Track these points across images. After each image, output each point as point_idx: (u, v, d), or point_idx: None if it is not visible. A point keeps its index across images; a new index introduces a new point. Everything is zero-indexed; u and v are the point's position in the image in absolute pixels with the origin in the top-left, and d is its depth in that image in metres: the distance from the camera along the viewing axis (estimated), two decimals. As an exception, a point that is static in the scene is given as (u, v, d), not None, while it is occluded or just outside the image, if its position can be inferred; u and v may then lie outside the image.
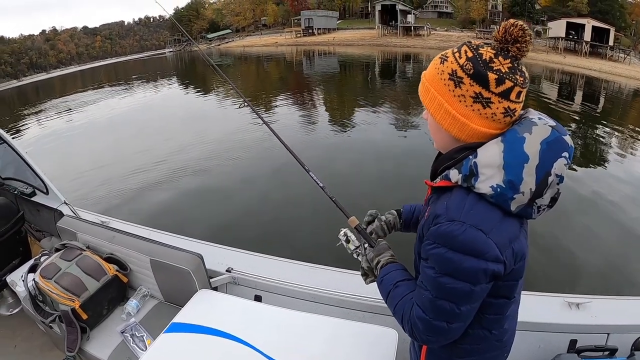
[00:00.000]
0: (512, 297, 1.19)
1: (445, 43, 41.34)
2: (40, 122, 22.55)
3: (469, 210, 1.05)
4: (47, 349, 3.15)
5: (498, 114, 1.06)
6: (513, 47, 1.04)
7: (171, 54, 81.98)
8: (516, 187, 1.02)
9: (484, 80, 1.04)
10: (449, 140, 1.16)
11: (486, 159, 1.04)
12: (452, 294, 1.08)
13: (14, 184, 4.29)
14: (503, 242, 1.04)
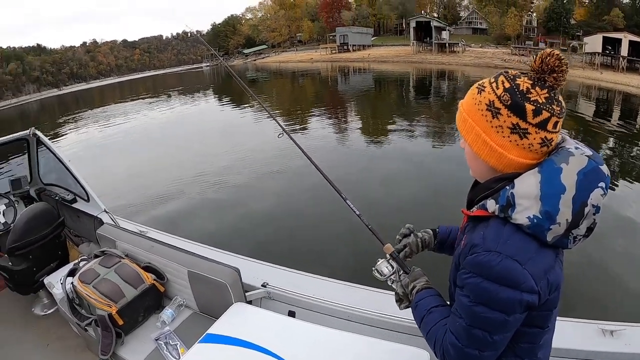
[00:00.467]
0: (545, 326, 1.18)
1: (480, 60, 41.02)
2: (79, 130, 23.54)
3: (505, 240, 1.06)
4: (80, 351, 3.23)
5: (535, 144, 1.07)
6: (550, 77, 1.05)
7: (208, 68, 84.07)
8: (553, 218, 1.02)
9: (521, 111, 1.05)
10: (486, 170, 1.17)
11: (523, 190, 1.05)
12: (486, 323, 1.09)
13: (56, 190, 4.49)
14: (538, 273, 1.05)
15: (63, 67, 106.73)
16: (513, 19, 55.96)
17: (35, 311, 3.81)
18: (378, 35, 71.78)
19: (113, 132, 20.61)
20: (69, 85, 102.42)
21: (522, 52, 42.38)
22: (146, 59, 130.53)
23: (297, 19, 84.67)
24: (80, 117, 30.55)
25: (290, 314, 2.69)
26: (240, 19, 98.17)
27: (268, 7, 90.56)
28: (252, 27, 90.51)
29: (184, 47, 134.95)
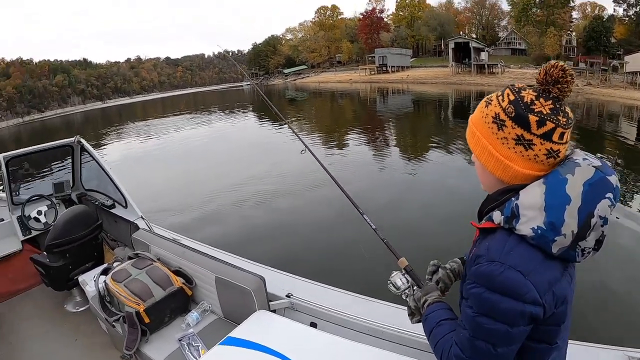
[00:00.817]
0: (554, 342, 1.16)
1: (520, 80, 40.41)
2: (121, 142, 24.59)
3: (509, 251, 1.06)
4: (107, 347, 3.37)
5: (540, 155, 1.08)
6: (554, 88, 1.06)
7: (248, 86, 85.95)
8: (557, 229, 1.02)
9: (525, 122, 1.06)
10: (494, 182, 1.19)
11: (527, 201, 1.06)
12: (489, 335, 1.08)
13: (96, 195, 4.75)
14: (543, 284, 1.04)
15: (107, 82, 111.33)
16: (552, 39, 55.08)
17: (67, 308, 4.03)
18: (417, 57, 71.91)
19: (153, 145, 21.54)
20: (112, 99, 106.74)
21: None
22: (188, 77, 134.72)
23: (336, 40, 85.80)
24: (122, 130, 31.94)
25: (312, 325, 2.73)
26: (281, 39, 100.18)
27: (308, 28, 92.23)
28: (292, 47, 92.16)
29: (225, 65, 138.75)
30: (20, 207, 4.38)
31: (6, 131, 57.92)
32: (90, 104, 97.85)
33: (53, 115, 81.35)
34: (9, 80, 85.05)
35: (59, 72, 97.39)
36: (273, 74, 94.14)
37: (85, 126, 45.07)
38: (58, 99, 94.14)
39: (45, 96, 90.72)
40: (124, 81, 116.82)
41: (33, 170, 5.09)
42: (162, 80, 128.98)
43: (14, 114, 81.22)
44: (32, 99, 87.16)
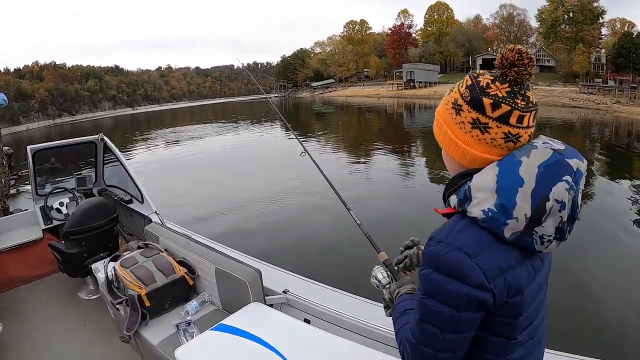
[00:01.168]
0: (513, 337, 1.10)
1: (547, 98, 39.49)
2: (148, 146, 25.41)
3: (457, 232, 1.05)
4: (112, 334, 3.61)
5: (498, 139, 1.07)
6: (511, 72, 1.05)
7: (276, 98, 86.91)
8: (509, 212, 0.99)
9: (479, 105, 1.06)
10: (457, 168, 1.19)
11: (479, 183, 1.05)
12: (435, 318, 1.06)
13: (116, 191, 5.06)
14: (491, 269, 1.00)
15: (138, 89, 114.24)
16: (581, 56, 54.03)
17: (80, 295, 4.33)
18: (444, 73, 71.55)
19: (180, 151, 22.20)
20: (142, 105, 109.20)
21: (591, 91, 40.58)
22: (217, 87, 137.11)
23: (364, 55, 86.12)
24: (150, 135, 32.82)
25: (305, 321, 2.83)
26: (309, 52, 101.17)
27: (336, 42, 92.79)
28: (321, 60, 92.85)
29: (254, 77, 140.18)
30: (43, 198, 4.69)
31: (37, 132, 60.04)
32: (120, 110, 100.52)
33: (83, 119, 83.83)
34: (42, 83, 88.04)
35: (91, 77, 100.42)
36: (301, 86, 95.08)
37: (114, 130, 46.31)
38: (89, 103, 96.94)
39: (76, 100, 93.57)
40: (154, 89, 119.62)
41: (59, 165, 5.43)
42: (191, 89, 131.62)
43: (46, 115, 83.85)
44: (63, 102, 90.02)
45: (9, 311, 4.07)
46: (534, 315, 1.14)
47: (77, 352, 3.48)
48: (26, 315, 4.03)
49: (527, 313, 1.10)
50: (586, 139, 21.34)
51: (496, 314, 1.06)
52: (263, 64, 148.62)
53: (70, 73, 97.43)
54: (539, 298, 1.14)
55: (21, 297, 4.33)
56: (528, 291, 1.07)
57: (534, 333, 1.16)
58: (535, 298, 1.12)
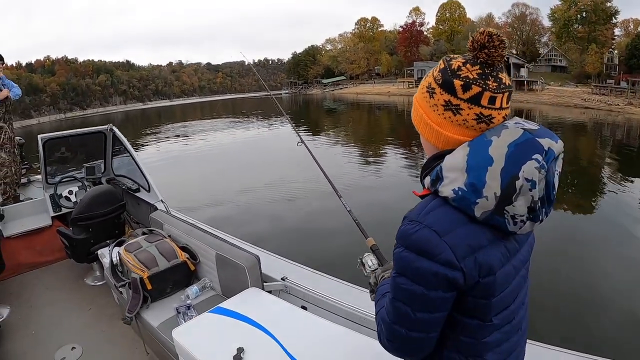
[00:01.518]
0: (487, 319, 1.12)
1: (559, 99, 39.22)
2: (158, 141, 25.76)
3: (428, 211, 1.06)
4: (116, 318, 3.75)
5: (470, 120, 1.08)
6: (481, 54, 1.06)
7: (287, 95, 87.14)
8: (478, 191, 1.00)
9: (450, 87, 1.08)
10: (432, 150, 1.20)
11: (450, 163, 1.06)
12: (406, 296, 1.08)
13: (124, 180, 5.18)
14: (461, 247, 1.02)
15: (149, 84, 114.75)
16: (594, 57, 53.30)
17: (86, 281, 4.48)
18: (455, 71, 71.28)
19: (189, 146, 22.58)
20: (153, 100, 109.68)
21: (603, 92, 39.94)
22: (228, 83, 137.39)
23: (375, 52, 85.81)
24: (160, 130, 33.15)
25: (302, 308, 2.87)
26: (320, 49, 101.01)
27: (348, 39, 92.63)
28: (332, 57, 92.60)
29: (265, 73, 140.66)
30: (53, 187, 4.84)
31: (48, 125, 60.64)
32: (131, 105, 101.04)
33: (94, 113, 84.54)
34: (54, 77, 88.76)
35: (103, 72, 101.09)
36: (311, 83, 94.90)
37: (125, 124, 46.87)
38: (100, 97, 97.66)
39: (87, 94, 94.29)
40: (165, 84, 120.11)
41: (69, 155, 5.60)
42: (202, 85, 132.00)
43: (57, 109, 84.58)
44: (75, 96, 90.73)
45: (17, 295, 4.22)
46: (509, 299, 1.14)
47: (80, 335, 3.60)
48: (33, 299, 4.17)
49: (502, 295, 1.11)
50: (597, 140, 21.19)
51: (468, 294, 1.07)
52: (274, 61, 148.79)
53: (82, 68, 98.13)
54: (515, 282, 1.15)
55: (29, 282, 4.47)
56: (501, 272, 1.08)
57: (511, 318, 1.17)
58: (509, 280, 1.12)
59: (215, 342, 2.24)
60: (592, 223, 8.79)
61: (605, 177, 13.09)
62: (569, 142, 18.99)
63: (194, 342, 2.24)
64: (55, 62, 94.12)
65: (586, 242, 7.49)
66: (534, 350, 2.12)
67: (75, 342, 3.49)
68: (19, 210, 4.81)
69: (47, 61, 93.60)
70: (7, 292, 4.25)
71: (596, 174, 13.43)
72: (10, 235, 4.48)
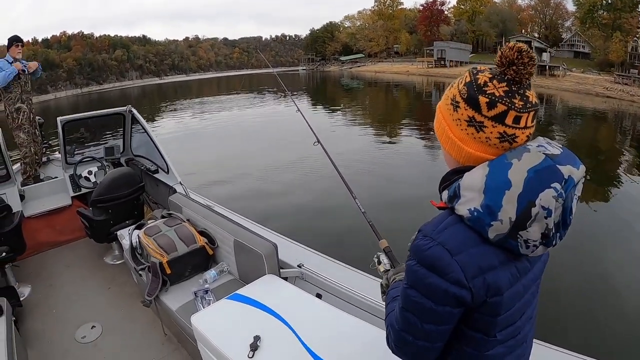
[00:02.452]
0: (491, 335, 1.14)
1: (581, 86, 38.12)
2: (175, 116, 26.03)
3: (443, 229, 1.07)
4: (135, 297, 3.85)
5: (493, 138, 1.07)
6: (509, 70, 1.05)
7: (304, 71, 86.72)
8: (494, 214, 1.00)
9: (475, 104, 1.07)
10: (453, 163, 1.20)
11: (468, 182, 1.06)
12: (415, 308, 1.11)
13: (143, 161, 5.27)
14: (472, 268, 1.03)
15: (165, 59, 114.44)
16: (618, 45, 51.82)
17: (105, 260, 4.60)
18: (475, 52, 69.60)
19: (205, 121, 22.80)
20: (169, 75, 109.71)
21: (626, 81, 38.47)
22: (245, 58, 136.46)
23: (395, 31, 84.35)
24: (177, 106, 33.34)
25: (317, 296, 2.95)
26: (339, 26, 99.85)
27: (367, 16, 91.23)
28: (350, 35, 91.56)
29: (282, 49, 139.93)
30: (73, 167, 4.95)
31: (65, 100, 61.15)
32: (148, 79, 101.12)
33: (111, 88, 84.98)
34: (70, 52, 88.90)
35: (119, 47, 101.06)
36: (329, 60, 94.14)
37: (142, 99, 47.09)
38: (116, 72, 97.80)
39: (104, 69, 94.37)
40: (181, 59, 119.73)
41: (88, 135, 5.71)
42: (218, 60, 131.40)
43: (73, 84, 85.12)
44: (91, 71, 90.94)
45: (37, 274, 4.36)
46: (516, 316, 1.16)
47: (100, 314, 3.71)
48: (53, 278, 4.30)
49: (509, 313, 1.13)
50: (617, 131, 20.77)
51: (475, 310, 1.09)
52: (291, 37, 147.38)
53: (98, 43, 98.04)
54: (524, 299, 1.17)
55: (49, 261, 4.61)
56: (509, 293, 1.09)
57: (516, 333, 1.19)
58: (518, 299, 1.14)
59: (232, 329, 2.29)
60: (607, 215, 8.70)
61: (623, 169, 12.88)
62: (588, 131, 18.65)
63: (212, 329, 2.30)
64: (72, 38, 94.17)
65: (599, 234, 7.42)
66: (542, 351, 2.15)
67: (95, 321, 3.60)
68: (39, 190, 4.92)
69: (63, 37, 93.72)
70: (28, 271, 4.38)
71: (614, 165, 13.18)
72: (31, 215, 4.58)
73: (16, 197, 4.49)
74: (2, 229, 3.76)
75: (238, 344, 2.13)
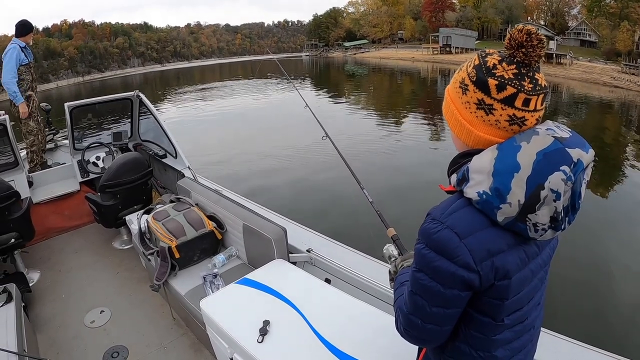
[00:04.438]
0: (498, 319, 1.15)
1: (587, 75, 37.73)
2: (176, 104, 26.07)
3: (451, 212, 1.08)
4: (143, 282, 3.90)
5: (502, 121, 1.07)
6: (519, 53, 1.04)
7: (308, 57, 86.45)
8: (503, 197, 1.00)
9: (484, 86, 1.06)
10: (462, 147, 1.19)
11: (477, 165, 1.06)
12: (424, 291, 1.12)
13: (151, 145, 5.31)
14: (480, 251, 1.04)
15: (167, 45, 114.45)
16: (625, 34, 51.25)
17: (114, 245, 4.64)
18: (481, 39, 68.94)
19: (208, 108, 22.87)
20: (171, 62, 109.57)
21: (633, 71, 37.93)
22: (247, 44, 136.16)
23: (399, 16, 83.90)
24: (179, 92, 33.37)
25: (326, 281, 2.96)
26: (342, 12, 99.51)
27: (371, 2, 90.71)
28: (354, 20, 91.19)
29: (284, 35, 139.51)
30: (80, 153, 4.97)
31: (67, 89, 61.20)
32: (150, 66, 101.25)
33: (113, 75, 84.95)
34: (71, 41, 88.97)
35: (120, 34, 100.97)
36: (333, 46, 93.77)
37: (144, 87, 47.06)
38: (118, 60, 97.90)
39: (105, 57, 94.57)
40: (183, 46, 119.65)
41: (95, 121, 5.74)
42: (220, 46, 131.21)
43: (75, 73, 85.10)
44: (92, 59, 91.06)
45: (46, 260, 4.40)
46: (524, 301, 1.17)
47: (109, 299, 3.75)
48: (62, 263, 4.34)
49: (516, 297, 1.13)
50: (623, 121, 20.64)
51: (483, 294, 1.09)
52: (294, 22, 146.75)
53: (99, 31, 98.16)
54: (532, 284, 1.17)
55: (58, 246, 4.64)
56: (517, 277, 1.09)
57: (524, 318, 1.20)
58: (525, 284, 1.14)
59: (241, 313, 2.31)
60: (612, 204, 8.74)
61: (629, 159, 12.83)
62: (595, 121, 18.52)
63: (221, 313, 2.32)
64: (73, 26, 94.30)
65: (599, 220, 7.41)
66: (550, 340, 2.16)
67: (103, 306, 3.64)
68: (47, 176, 4.94)
69: (64, 25, 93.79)
70: (37, 257, 4.42)
71: (619, 155, 13.12)
72: (40, 201, 4.62)
73: (24, 183, 4.51)
74: (11, 216, 3.77)
75: (247, 329, 2.15)
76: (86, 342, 3.26)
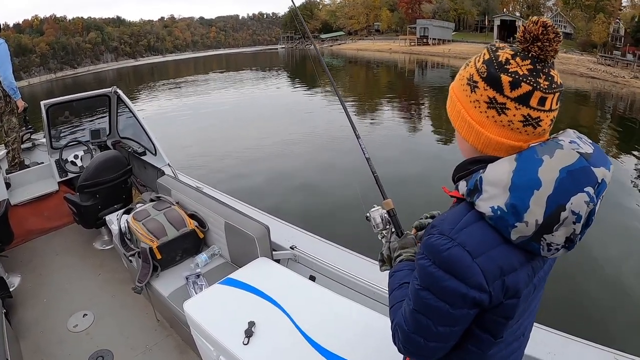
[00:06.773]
0: (498, 336, 1.09)
1: (564, 66, 38.23)
2: (151, 99, 25.68)
3: (462, 227, 0.99)
4: (126, 283, 3.85)
5: (516, 122, 0.97)
6: (534, 47, 0.95)
7: (283, 50, 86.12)
8: (519, 215, 0.92)
9: (497, 83, 0.97)
10: (470, 150, 1.10)
11: (492, 176, 0.97)
12: (429, 311, 1.04)
13: (130, 143, 5.24)
14: (492, 271, 0.96)
15: (140, 40, 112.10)
16: (600, 26, 52.23)
17: (95, 245, 4.58)
18: (457, 31, 69.55)
19: (182, 103, 22.68)
20: (145, 56, 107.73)
21: (609, 62, 38.82)
22: (222, 37, 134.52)
23: (375, 8, 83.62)
24: (153, 87, 32.96)
25: (311, 278, 2.95)
26: (318, 3, 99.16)
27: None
28: (330, 12, 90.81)
29: (260, 27, 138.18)
30: (58, 152, 4.86)
31: (39, 87, 59.49)
32: (123, 62, 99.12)
33: (85, 72, 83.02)
34: (43, 37, 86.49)
35: (93, 29, 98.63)
36: (309, 38, 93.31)
37: (118, 82, 45.92)
38: (91, 55, 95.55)
39: (78, 53, 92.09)
40: (157, 40, 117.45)
41: (73, 118, 5.64)
42: (195, 40, 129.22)
43: (47, 69, 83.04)
44: (64, 55, 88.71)
45: (27, 263, 4.31)
46: (522, 315, 1.12)
47: (91, 302, 3.70)
48: (43, 266, 4.26)
49: (519, 314, 1.08)
50: (598, 110, 21.05)
51: (488, 311, 1.03)
52: (269, 15, 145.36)
53: (72, 26, 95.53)
54: (531, 297, 1.10)
55: (38, 248, 4.56)
56: (524, 293, 1.03)
57: (517, 329, 1.15)
58: (529, 299, 1.09)
59: (226, 315, 2.29)
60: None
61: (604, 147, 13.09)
62: (571, 111, 18.84)
63: (205, 315, 2.30)
64: (44, 22, 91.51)
65: None
66: (542, 335, 2.18)
67: (86, 309, 3.59)
68: (25, 177, 4.84)
69: (35, 20, 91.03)
70: (18, 260, 4.34)
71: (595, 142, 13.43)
72: (18, 202, 4.52)
73: (2, 185, 4.40)
74: None
75: (232, 331, 2.14)
76: (70, 347, 3.22)
